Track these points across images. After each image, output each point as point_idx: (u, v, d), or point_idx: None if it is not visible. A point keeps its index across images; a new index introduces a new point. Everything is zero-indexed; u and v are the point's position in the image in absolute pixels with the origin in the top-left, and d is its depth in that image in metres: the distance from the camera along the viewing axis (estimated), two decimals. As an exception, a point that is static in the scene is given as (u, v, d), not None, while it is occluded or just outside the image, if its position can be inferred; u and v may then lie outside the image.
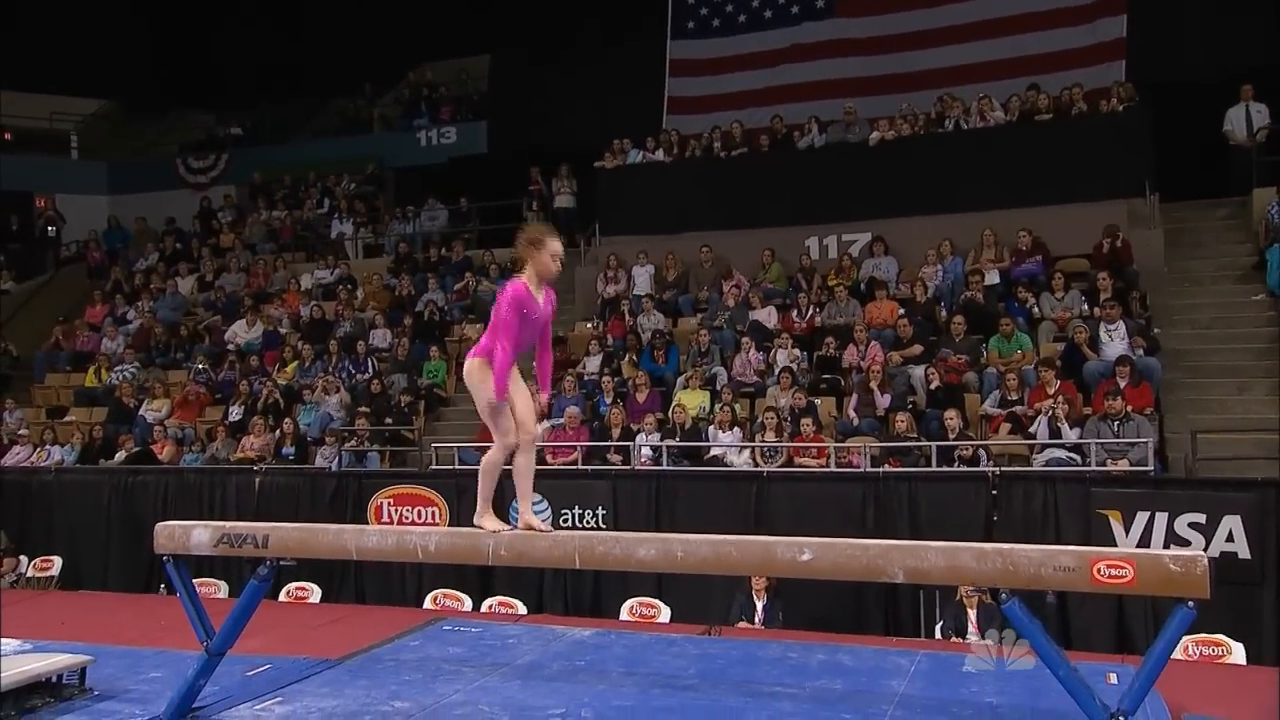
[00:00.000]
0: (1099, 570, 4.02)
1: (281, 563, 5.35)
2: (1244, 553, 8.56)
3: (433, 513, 10.77)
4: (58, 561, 11.60)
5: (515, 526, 4.98)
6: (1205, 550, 8.71)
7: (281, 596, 10.12)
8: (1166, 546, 8.75)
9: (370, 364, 13.66)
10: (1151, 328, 11.35)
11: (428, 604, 9.51)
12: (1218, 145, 13.66)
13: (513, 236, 17.12)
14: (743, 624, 8.49)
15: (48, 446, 13.16)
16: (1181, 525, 8.67)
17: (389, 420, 12.47)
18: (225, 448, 12.46)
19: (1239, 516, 8.56)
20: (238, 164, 20.06)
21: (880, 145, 13.72)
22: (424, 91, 19.68)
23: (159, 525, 5.51)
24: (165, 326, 15.54)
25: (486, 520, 4.98)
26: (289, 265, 16.84)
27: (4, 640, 7.16)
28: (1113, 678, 6.02)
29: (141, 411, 13.53)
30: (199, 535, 5.41)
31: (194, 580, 10.32)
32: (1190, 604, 3.97)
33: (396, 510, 10.89)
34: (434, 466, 11.38)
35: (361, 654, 6.76)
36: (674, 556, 4.57)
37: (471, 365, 4.93)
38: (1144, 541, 8.72)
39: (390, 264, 16.28)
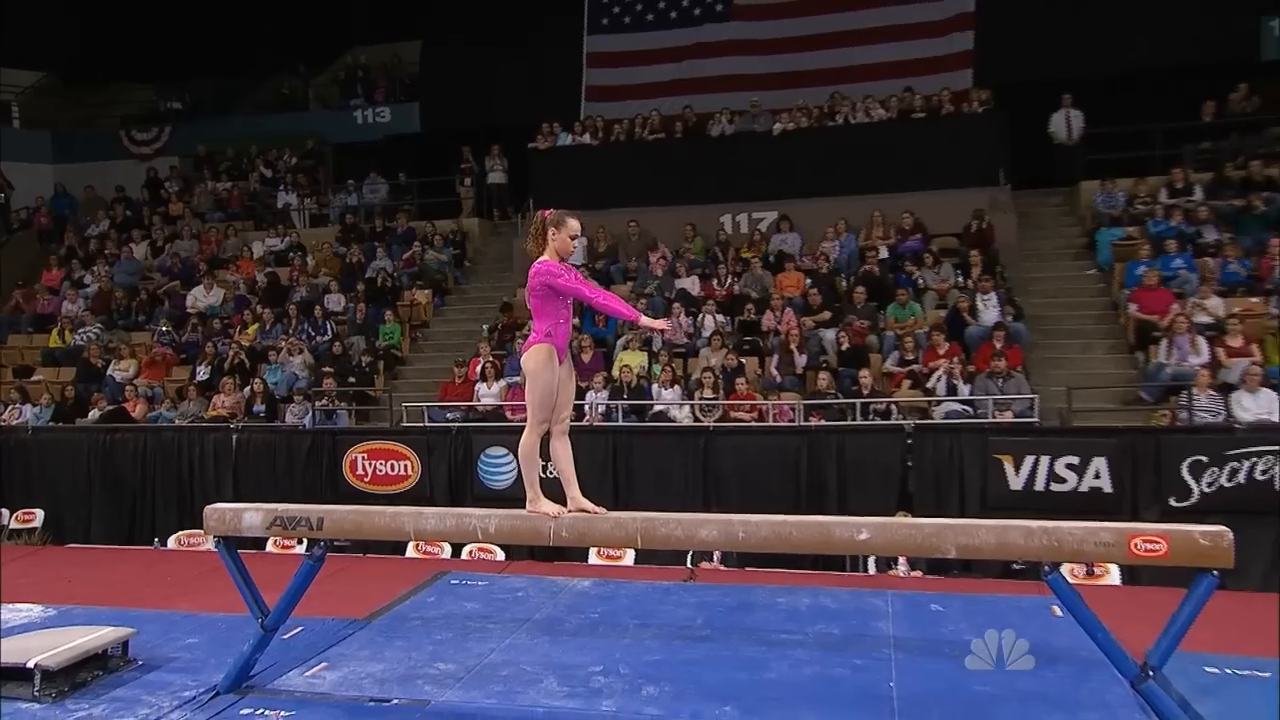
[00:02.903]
0: (1136, 545, 3.84)
1: (335, 543, 4.74)
2: (1107, 487, 8.77)
3: (405, 465, 10.09)
4: (40, 514, 10.40)
5: (568, 509, 4.51)
6: (1077, 487, 8.94)
7: (269, 547, 9.31)
8: (1048, 485, 8.91)
9: (328, 327, 12.69)
10: (1013, 297, 11.49)
11: (411, 552, 8.86)
12: (1048, 142, 13.89)
13: (450, 209, 15.87)
14: (704, 564, 8.21)
15: (19, 405, 11.74)
16: (1060, 466, 8.81)
17: (352, 380, 11.63)
18: (197, 406, 11.38)
19: (1105, 458, 8.75)
20: (180, 136, 18.19)
21: (782, 135, 13.42)
22: (359, 73, 18.27)
23: (208, 508, 4.79)
24: (124, 290, 14.08)
25: (542, 505, 4.48)
26: (239, 233, 15.45)
27: (29, 606, 6.32)
28: (1057, 610, 5.96)
29: (110, 371, 12.21)
30: (250, 518, 4.72)
31: (185, 534, 9.49)
32: (1215, 573, 3.82)
33: (371, 464, 10.17)
34: (404, 423, 10.65)
35: (386, 613, 6.16)
36: (735, 537, 4.18)
37: (536, 351, 4.39)
38: (1031, 481, 8.84)
39: (338, 233, 15.14)
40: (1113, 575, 7.90)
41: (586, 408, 10.30)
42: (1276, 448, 8.60)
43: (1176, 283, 10.98)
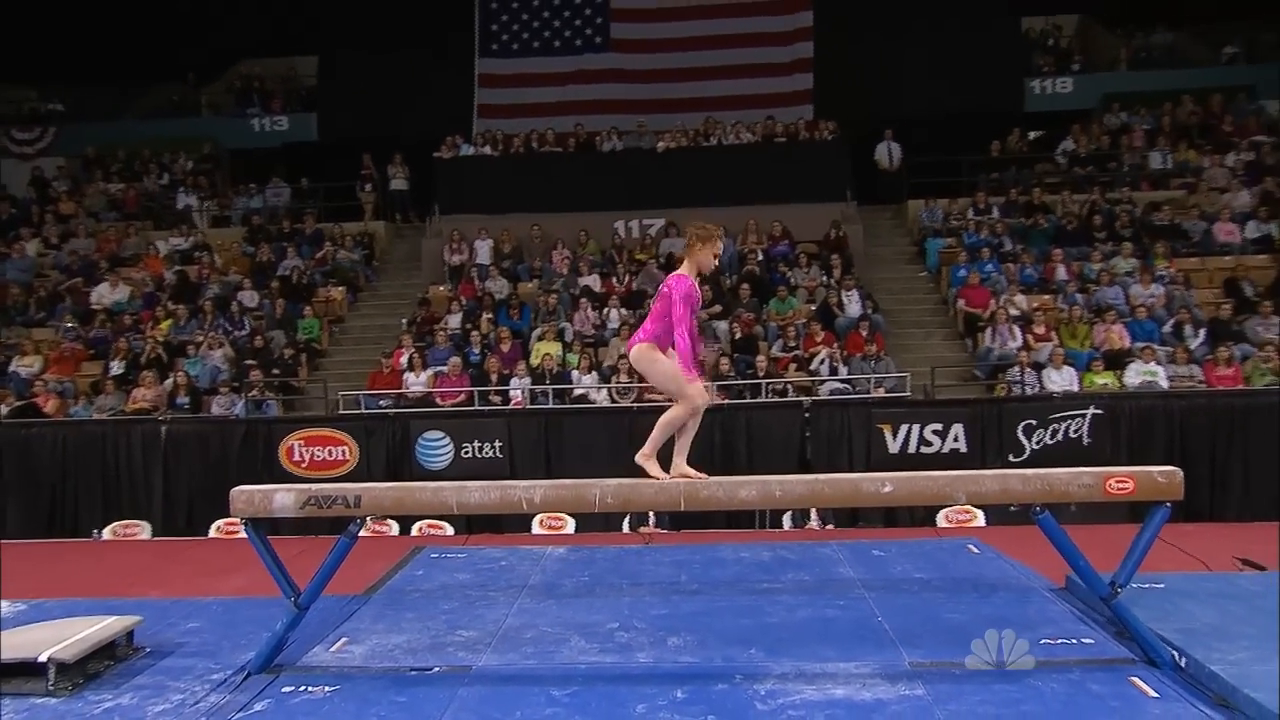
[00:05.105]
0: (1110, 485, 3.96)
1: (380, 519, 4.20)
2: (964, 448, 9.19)
3: (343, 450, 9.26)
4: (-52, 514, 8.83)
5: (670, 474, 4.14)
6: (941, 449, 9.36)
7: (212, 533, 8.31)
8: (919, 448, 9.28)
9: (245, 322, 11.50)
10: (870, 293, 11.93)
11: (363, 532, 8.10)
12: (875, 167, 14.55)
13: (352, 212, 14.75)
14: (644, 528, 7.99)
15: (-86, 405, 9.93)
16: (928, 432, 9.18)
17: (276, 371, 10.59)
18: (115, 399, 10.01)
19: (962, 424, 9.19)
20: (66, 137, 15.93)
21: (665, 152, 13.37)
22: (253, 84, 16.70)
23: (235, 490, 4.13)
24: (20, 287, 12.21)
25: (652, 465, 4.13)
26: (140, 232, 13.77)
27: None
28: (974, 549, 6.19)
29: (13, 368, 10.54)
30: (282, 499, 4.12)
31: (120, 524, 8.33)
32: (1168, 504, 4.01)
33: (308, 450, 9.27)
34: (341, 410, 9.80)
35: (381, 588, 5.57)
36: (772, 495, 4.02)
37: (640, 350, 4.11)
38: (905, 445, 9.18)
39: (245, 234, 13.77)
40: (979, 519, 8.32)
41: (513, 393, 9.84)
42: (1082, 411, 9.35)
43: (989, 283, 11.76)
